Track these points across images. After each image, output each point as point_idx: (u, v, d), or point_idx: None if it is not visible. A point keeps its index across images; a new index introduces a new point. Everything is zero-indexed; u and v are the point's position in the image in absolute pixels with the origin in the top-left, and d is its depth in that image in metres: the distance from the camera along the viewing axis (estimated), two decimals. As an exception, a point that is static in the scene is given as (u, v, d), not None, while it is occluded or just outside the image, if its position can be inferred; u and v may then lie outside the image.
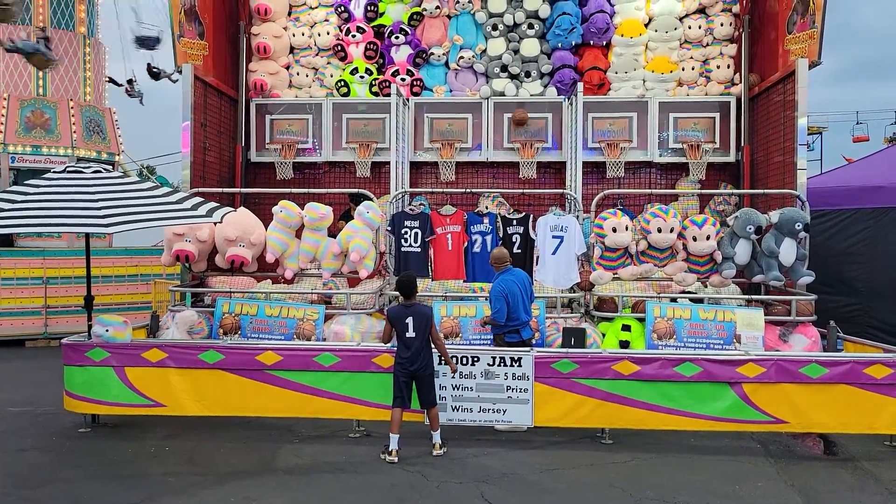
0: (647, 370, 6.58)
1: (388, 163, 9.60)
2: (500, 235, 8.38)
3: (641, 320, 7.62)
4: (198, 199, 7.09)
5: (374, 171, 10.13)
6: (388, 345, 6.63)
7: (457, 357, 6.65)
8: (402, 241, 8.41)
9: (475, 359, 6.64)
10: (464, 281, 8.42)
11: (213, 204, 7.15)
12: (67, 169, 6.74)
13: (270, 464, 6.01)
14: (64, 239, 13.97)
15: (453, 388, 6.64)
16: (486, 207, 9.26)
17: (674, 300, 7.91)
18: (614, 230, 7.92)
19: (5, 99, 13.81)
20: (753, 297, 8.30)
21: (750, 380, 6.52)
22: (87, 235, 7.29)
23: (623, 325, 7.78)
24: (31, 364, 10.52)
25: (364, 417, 6.78)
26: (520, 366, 6.57)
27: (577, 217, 8.28)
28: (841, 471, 6.04)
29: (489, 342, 7.22)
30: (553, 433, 6.69)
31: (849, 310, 9.37)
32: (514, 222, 8.42)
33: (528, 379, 6.55)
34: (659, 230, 7.85)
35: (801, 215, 7.71)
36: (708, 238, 7.85)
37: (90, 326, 7.03)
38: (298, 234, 8.45)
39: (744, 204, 9.44)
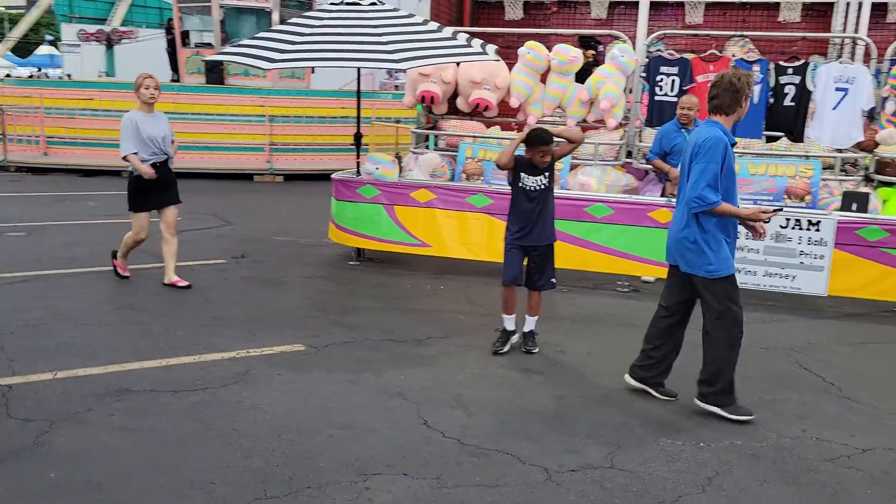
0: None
1: (627, 2, 8.79)
2: (772, 85, 7.55)
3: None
4: (466, 35, 6.77)
5: (610, 11, 9.31)
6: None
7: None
8: (657, 88, 7.78)
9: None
10: (723, 135, 7.77)
11: (480, 40, 6.81)
12: (345, 1, 6.56)
13: (551, 310, 5.98)
14: (268, 78, 14.26)
15: (737, 249, 6.25)
16: (733, 55, 8.36)
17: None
18: (919, 83, 6.92)
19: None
20: None
21: None
22: (359, 74, 7.18)
23: (912, 192, 6.97)
24: (264, 197, 11.12)
25: (635, 273, 6.61)
26: (818, 230, 6.06)
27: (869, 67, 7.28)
28: None
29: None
30: (843, 303, 6.25)
31: None
32: (790, 71, 7.52)
33: (827, 245, 6.04)
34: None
35: None
36: None
37: (359, 164, 7.13)
38: (543, 79, 8.03)
39: None
